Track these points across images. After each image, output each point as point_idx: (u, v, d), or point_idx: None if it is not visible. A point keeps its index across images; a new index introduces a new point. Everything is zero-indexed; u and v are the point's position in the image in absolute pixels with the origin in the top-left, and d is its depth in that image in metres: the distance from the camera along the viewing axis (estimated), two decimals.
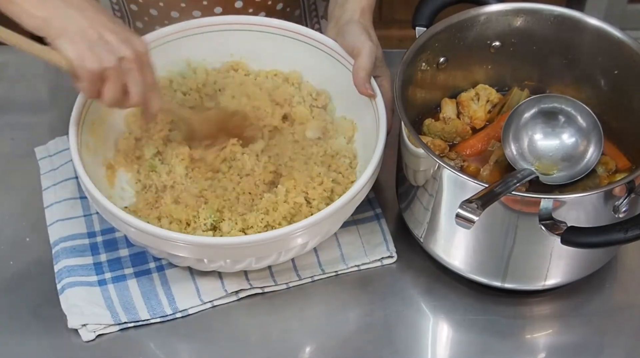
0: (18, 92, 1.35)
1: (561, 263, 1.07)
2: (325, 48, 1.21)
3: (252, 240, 1.03)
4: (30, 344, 1.09)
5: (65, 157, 1.22)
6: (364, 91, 1.14)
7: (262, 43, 1.24)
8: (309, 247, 1.10)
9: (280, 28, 1.23)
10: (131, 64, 1.01)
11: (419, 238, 1.14)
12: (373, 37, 1.17)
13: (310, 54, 1.22)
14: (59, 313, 1.11)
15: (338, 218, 1.09)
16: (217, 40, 1.24)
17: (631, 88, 1.13)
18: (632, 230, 0.97)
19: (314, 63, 1.23)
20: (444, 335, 1.14)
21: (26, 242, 1.18)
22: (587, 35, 1.15)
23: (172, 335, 1.10)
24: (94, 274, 1.13)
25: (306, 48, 1.22)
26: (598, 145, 1.12)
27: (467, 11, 1.17)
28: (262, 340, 1.10)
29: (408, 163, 1.10)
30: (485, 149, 1.16)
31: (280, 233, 1.03)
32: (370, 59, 1.14)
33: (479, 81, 1.22)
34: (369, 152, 1.12)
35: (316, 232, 1.06)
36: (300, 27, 1.23)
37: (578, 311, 1.13)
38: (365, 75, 1.13)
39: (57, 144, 1.24)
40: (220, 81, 1.24)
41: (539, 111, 1.13)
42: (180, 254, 1.05)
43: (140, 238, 1.05)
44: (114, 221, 1.06)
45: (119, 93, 1.02)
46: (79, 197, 1.19)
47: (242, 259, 1.07)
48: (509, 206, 1.01)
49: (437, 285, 1.14)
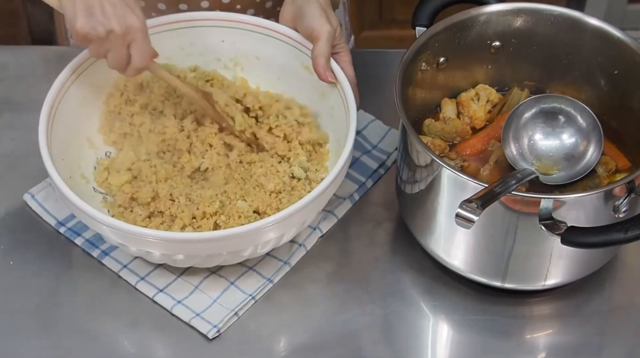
0: (18, 92, 1.35)
1: (561, 263, 1.07)
2: (282, 37, 1.20)
3: (225, 234, 1.03)
4: (30, 344, 1.09)
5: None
6: (325, 77, 1.13)
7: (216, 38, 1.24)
8: (285, 239, 1.10)
9: (240, 22, 1.22)
10: (117, 39, 1.05)
11: (419, 238, 1.14)
12: (331, 17, 1.15)
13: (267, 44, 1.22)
14: (59, 313, 1.11)
15: (310, 210, 1.08)
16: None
17: (631, 88, 1.13)
18: (632, 230, 0.97)
19: (272, 52, 1.22)
20: (444, 335, 1.14)
21: (26, 242, 1.18)
22: (587, 35, 1.15)
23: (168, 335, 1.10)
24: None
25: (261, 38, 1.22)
26: (598, 145, 1.12)
27: (467, 11, 1.17)
28: (261, 340, 1.10)
29: (408, 163, 1.10)
30: (485, 149, 1.16)
31: (251, 228, 1.03)
32: (328, 44, 1.13)
33: (479, 81, 1.22)
34: (339, 134, 1.14)
35: (290, 225, 1.07)
36: (255, 18, 1.22)
37: (578, 311, 1.13)
38: (324, 61, 1.13)
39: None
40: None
41: (539, 111, 1.13)
42: (152, 250, 1.05)
43: (115, 236, 1.05)
44: (79, 214, 1.06)
45: (96, 54, 1.08)
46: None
47: (217, 253, 1.07)
48: (509, 206, 1.01)
49: (437, 285, 1.14)
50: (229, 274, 1.14)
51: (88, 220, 1.05)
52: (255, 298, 1.12)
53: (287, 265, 1.15)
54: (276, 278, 1.14)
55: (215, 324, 1.09)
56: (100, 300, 1.13)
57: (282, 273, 1.15)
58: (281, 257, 1.15)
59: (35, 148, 1.06)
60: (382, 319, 1.12)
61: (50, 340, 1.10)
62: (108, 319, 1.11)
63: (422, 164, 1.06)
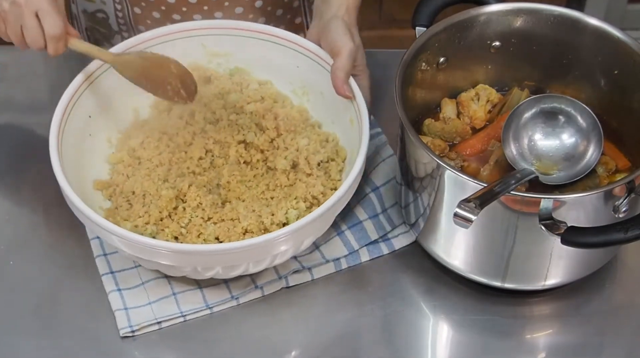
0: (18, 92, 1.35)
1: (561, 263, 1.07)
2: (304, 50, 1.20)
3: (226, 248, 1.03)
4: (30, 344, 1.09)
5: None
6: (342, 92, 1.13)
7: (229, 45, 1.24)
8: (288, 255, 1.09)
9: (261, 32, 1.22)
10: (21, 8, 1.07)
11: (418, 238, 1.14)
12: (355, 37, 1.16)
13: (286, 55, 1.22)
14: (59, 313, 1.11)
15: (316, 227, 1.07)
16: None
17: (631, 88, 1.13)
18: (632, 230, 0.97)
19: (292, 65, 1.22)
20: (444, 335, 1.14)
21: (26, 242, 1.18)
22: (587, 35, 1.15)
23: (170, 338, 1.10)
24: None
25: (284, 50, 1.22)
26: (598, 145, 1.12)
27: (467, 11, 1.17)
28: (261, 341, 1.10)
29: (408, 163, 1.10)
30: (485, 149, 1.16)
31: (258, 241, 1.02)
32: (349, 60, 1.13)
33: (479, 81, 1.22)
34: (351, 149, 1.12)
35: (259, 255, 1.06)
36: (279, 31, 1.22)
37: (578, 311, 1.13)
38: (343, 76, 1.13)
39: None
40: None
41: (539, 111, 1.13)
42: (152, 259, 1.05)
43: (113, 242, 1.05)
44: (86, 222, 1.06)
45: (17, 37, 1.10)
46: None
47: (212, 266, 1.06)
48: (509, 206, 1.01)
49: (437, 285, 1.14)
50: (176, 285, 1.13)
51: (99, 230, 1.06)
52: (185, 316, 1.11)
53: (259, 289, 1.13)
54: (243, 299, 1.13)
55: (132, 325, 1.09)
56: (100, 300, 1.13)
57: (251, 295, 1.13)
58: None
59: (36, 148, 1.06)
60: (382, 319, 1.12)
61: (50, 340, 1.10)
62: (108, 319, 1.11)
63: (422, 164, 1.06)
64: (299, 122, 1.20)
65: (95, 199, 1.15)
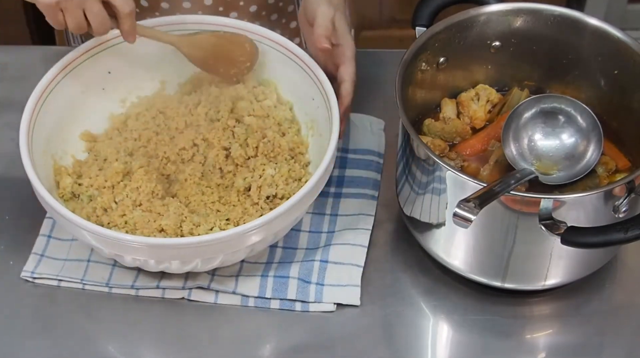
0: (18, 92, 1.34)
1: (561, 263, 1.07)
2: (320, 86, 1.18)
3: (199, 240, 1.03)
4: (30, 344, 1.09)
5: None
6: (320, 45, 1.13)
7: None
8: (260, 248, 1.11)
9: (297, 56, 1.21)
10: (70, 2, 1.06)
11: (419, 238, 1.14)
12: (334, 1, 1.16)
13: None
14: (59, 313, 1.11)
15: (281, 222, 1.07)
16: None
17: (631, 88, 1.13)
18: (632, 230, 0.97)
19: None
20: (444, 335, 1.14)
21: (26, 242, 1.18)
22: (587, 35, 1.15)
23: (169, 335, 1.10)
24: None
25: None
26: (598, 145, 1.12)
27: (467, 11, 1.17)
28: (261, 341, 1.10)
29: (408, 163, 1.10)
30: (485, 149, 1.16)
31: (229, 234, 1.03)
32: (324, 20, 1.13)
33: (479, 81, 1.22)
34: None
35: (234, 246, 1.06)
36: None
37: (578, 311, 1.13)
38: (322, 31, 1.13)
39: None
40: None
41: (539, 111, 1.13)
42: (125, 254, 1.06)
43: (91, 239, 1.06)
44: (57, 218, 1.07)
45: (78, 22, 1.09)
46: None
47: (190, 260, 1.07)
48: (509, 206, 1.01)
49: (437, 285, 1.14)
50: (95, 254, 1.15)
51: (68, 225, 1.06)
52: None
53: (160, 289, 1.13)
54: (142, 292, 1.13)
55: (35, 272, 1.13)
56: (101, 300, 1.13)
57: (151, 292, 1.13)
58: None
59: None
60: (382, 319, 1.12)
61: (50, 340, 1.10)
62: (108, 319, 1.11)
63: (422, 164, 1.06)
64: (281, 151, 1.18)
65: (77, 147, 1.20)
